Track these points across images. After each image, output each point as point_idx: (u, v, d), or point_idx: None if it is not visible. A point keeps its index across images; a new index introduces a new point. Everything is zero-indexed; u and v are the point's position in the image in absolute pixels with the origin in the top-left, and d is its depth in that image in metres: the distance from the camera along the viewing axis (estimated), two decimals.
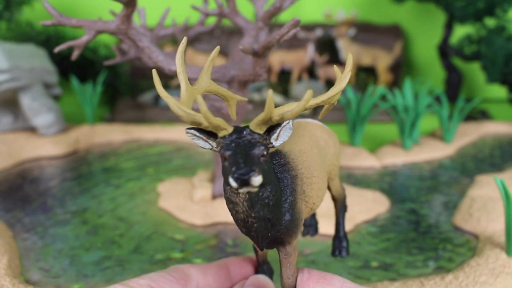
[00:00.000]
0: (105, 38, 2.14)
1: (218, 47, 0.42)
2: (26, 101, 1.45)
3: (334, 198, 0.57)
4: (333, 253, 0.58)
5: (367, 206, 1.03)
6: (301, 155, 0.44)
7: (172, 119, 1.88)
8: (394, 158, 1.36)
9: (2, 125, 1.51)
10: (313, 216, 0.62)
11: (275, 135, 0.38)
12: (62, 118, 1.55)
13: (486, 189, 1.09)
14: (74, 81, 1.68)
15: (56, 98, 1.70)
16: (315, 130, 0.50)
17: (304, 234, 0.62)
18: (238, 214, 0.39)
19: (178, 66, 0.39)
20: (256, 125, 0.37)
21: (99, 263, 0.83)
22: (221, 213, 0.99)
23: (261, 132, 0.37)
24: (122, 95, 2.12)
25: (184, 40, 0.40)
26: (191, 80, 0.91)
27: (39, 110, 1.46)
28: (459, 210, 1.01)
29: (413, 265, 0.82)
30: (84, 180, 1.23)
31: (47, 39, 1.87)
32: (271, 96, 0.34)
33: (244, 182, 0.33)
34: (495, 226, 0.90)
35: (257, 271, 0.53)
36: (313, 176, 0.44)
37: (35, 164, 1.36)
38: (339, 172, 0.54)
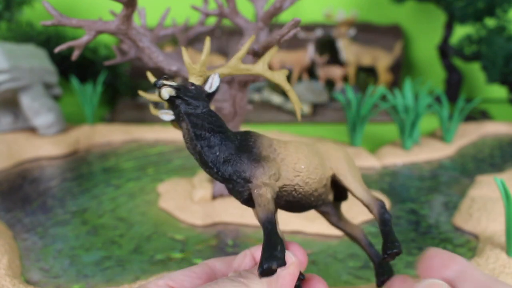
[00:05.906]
0: (105, 38, 2.14)
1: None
2: (26, 101, 1.45)
3: (365, 206, 0.56)
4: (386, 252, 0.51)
5: None
6: (285, 145, 0.54)
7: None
8: (394, 158, 1.36)
9: (2, 125, 1.51)
10: (387, 264, 0.57)
11: (208, 84, 0.53)
12: (62, 118, 1.55)
13: (486, 189, 1.09)
14: (74, 81, 1.68)
15: (56, 98, 1.70)
16: (322, 145, 0.60)
17: (379, 284, 0.57)
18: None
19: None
20: (193, 78, 0.52)
21: (99, 263, 0.83)
22: (221, 213, 0.99)
23: (200, 83, 0.52)
24: (122, 95, 2.12)
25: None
26: None
27: (39, 110, 1.46)
28: (459, 210, 1.01)
29: (413, 265, 0.82)
30: (84, 180, 1.24)
31: (47, 39, 1.87)
32: (208, 44, 0.52)
33: (157, 84, 0.48)
34: (495, 226, 0.90)
35: None
36: (299, 159, 0.53)
37: (35, 164, 1.36)
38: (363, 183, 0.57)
